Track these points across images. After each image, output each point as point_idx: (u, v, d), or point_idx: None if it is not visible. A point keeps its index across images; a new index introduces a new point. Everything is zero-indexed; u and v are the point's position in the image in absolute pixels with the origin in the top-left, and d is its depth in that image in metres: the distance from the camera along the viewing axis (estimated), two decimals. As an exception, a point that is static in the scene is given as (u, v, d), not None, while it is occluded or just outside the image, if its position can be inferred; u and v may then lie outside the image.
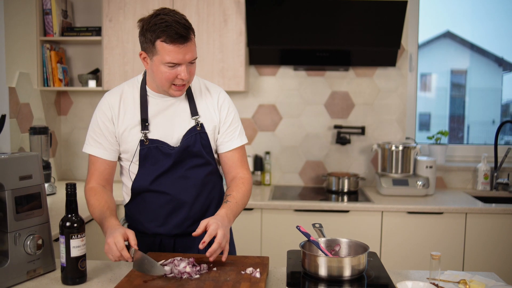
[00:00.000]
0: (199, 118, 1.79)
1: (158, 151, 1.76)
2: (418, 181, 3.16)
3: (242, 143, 1.87)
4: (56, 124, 3.62)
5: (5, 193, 1.55)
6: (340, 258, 1.46)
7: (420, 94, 4.24)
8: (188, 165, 1.79)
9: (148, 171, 1.79)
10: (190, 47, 1.63)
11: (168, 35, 1.58)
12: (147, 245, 1.85)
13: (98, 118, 1.81)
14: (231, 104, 1.88)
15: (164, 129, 1.77)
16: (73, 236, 1.54)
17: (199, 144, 1.78)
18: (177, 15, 1.62)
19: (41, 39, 3.32)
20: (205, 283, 1.46)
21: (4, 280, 1.53)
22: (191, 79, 1.72)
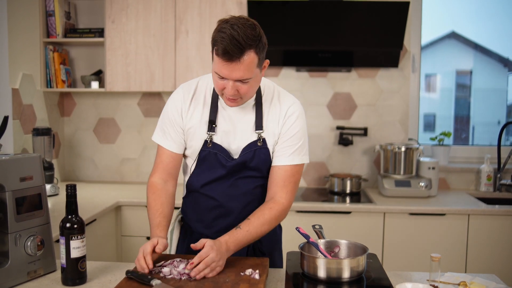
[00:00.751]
0: (262, 133, 1.72)
1: (215, 159, 1.73)
2: (420, 182, 3.15)
3: (293, 163, 1.72)
4: (59, 125, 3.64)
5: (6, 194, 1.55)
6: (338, 259, 1.46)
7: (425, 95, 4.23)
8: (241, 175, 1.75)
9: (202, 174, 1.77)
10: (239, 66, 1.51)
11: (219, 47, 1.51)
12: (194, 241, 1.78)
13: (169, 109, 1.77)
14: (300, 118, 1.73)
15: (228, 137, 1.73)
16: (73, 237, 1.54)
17: (257, 160, 1.72)
18: (240, 30, 1.50)
19: (44, 40, 3.34)
20: (204, 284, 1.47)
21: (4, 281, 1.54)
22: (245, 96, 1.62)
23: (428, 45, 4.37)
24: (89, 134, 3.72)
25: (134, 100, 3.66)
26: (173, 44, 3.27)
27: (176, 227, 1.93)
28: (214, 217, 1.78)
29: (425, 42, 3.81)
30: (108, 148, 3.72)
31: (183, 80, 3.26)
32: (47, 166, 3.11)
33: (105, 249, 2.93)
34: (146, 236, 3.06)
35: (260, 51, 1.57)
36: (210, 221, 1.79)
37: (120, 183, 3.66)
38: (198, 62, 3.26)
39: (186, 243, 1.87)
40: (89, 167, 3.74)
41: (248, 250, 1.81)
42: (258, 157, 1.72)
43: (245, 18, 1.56)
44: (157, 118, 3.57)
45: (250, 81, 1.58)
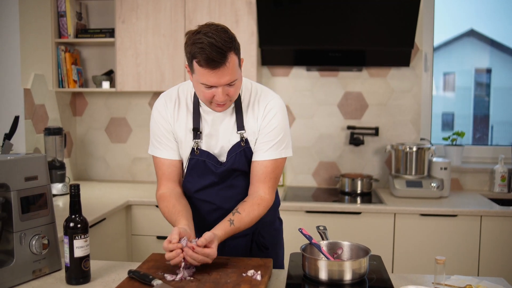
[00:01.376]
0: (244, 133, 1.74)
1: (205, 166, 1.75)
2: (432, 182, 3.11)
3: (273, 157, 1.73)
4: (71, 125, 3.67)
5: (11, 193, 1.57)
6: (340, 261, 1.45)
7: (443, 94, 4.17)
8: (234, 178, 1.78)
9: (194, 181, 1.79)
10: (225, 70, 1.54)
11: (201, 58, 1.51)
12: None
13: (157, 119, 1.78)
14: (278, 114, 1.74)
15: (211, 141, 1.75)
16: (76, 236, 1.55)
17: (244, 160, 1.75)
18: (215, 36, 1.51)
19: (56, 41, 3.37)
20: (205, 285, 1.46)
21: (10, 279, 1.55)
22: (232, 98, 1.65)
23: (446, 43, 4.31)
24: (101, 133, 3.75)
25: (145, 100, 3.68)
26: (183, 43, 3.26)
27: None
28: (214, 220, 1.78)
29: (443, 40, 3.76)
30: (120, 148, 3.74)
31: (193, 80, 3.27)
32: (59, 165, 3.14)
33: (115, 248, 2.95)
34: (156, 235, 3.07)
35: (238, 51, 1.60)
36: (211, 223, 1.78)
37: (131, 182, 3.69)
38: (208, 61, 3.26)
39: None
40: (101, 166, 3.77)
41: (252, 246, 1.83)
42: (243, 157, 1.75)
43: (214, 24, 1.57)
44: (168, 118, 3.61)
45: (236, 82, 1.61)
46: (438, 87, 3.95)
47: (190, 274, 1.53)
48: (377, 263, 1.61)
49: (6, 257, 1.59)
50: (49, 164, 3.06)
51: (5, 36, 2.97)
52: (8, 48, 2.98)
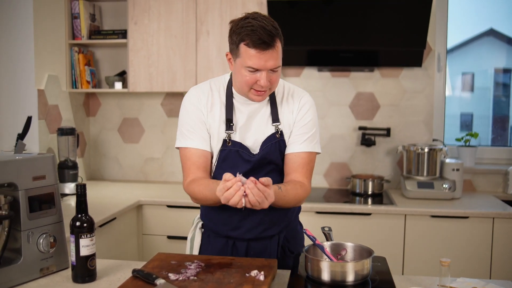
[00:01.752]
0: (279, 125, 1.76)
1: (238, 156, 1.74)
2: (444, 184, 3.07)
3: (308, 150, 1.76)
4: (85, 125, 3.72)
5: (19, 193, 1.60)
6: (342, 263, 1.44)
7: (462, 94, 4.11)
8: (265, 170, 1.76)
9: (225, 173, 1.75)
10: (273, 54, 1.58)
11: (251, 40, 1.56)
12: (220, 246, 1.84)
13: (188, 108, 1.77)
14: (311, 109, 1.80)
15: (245, 133, 1.75)
16: (82, 235, 1.58)
17: (278, 153, 1.75)
18: (265, 21, 1.58)
19: (69, 42, 3.42)
20: (208, 284, 1.47)
21: (17, 276, 1.58)
22: (273, 86, 1.67)
23: (464, 43, 4.24)
24: (114, 133, 3.79)
25: (158, 101, 3.71)
26: (194, 45, 3.29)
27: (197, 234, 1.91)
28: (241, 218, 1.76)
29: (462, 40, 3.70)
30: (132, 148, 3.78)
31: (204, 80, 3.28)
32: (71, 165, 3.18)
33: (126, 248, 2.98)
34: (166, 235, 3.09)
35: (282, 41, 1.64)
36: (237, 222, 1.77)
37: (143, 182, 3.72)
38: (219, 62, 3.28)
39: (210, 249, 1.86)
40: (113, 166, 3.81)
41: (278, 250, 1.82)
42: (278, 149, 1.75)
43: (259, 13, 1.62)
44: (180, 118, 3.64)
45: (279, 70, 1.64)
46: (456, 88, 3.88)
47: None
48: (381, 265, 1.60)
49: (14, 255, 1.61)
50: (61, 164, 3.13)
51: (19, 38, 3.02)
52: (22, 49, 3.03)
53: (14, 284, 1.57)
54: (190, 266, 1.61)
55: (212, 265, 1.63)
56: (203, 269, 1.59)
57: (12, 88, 3.05)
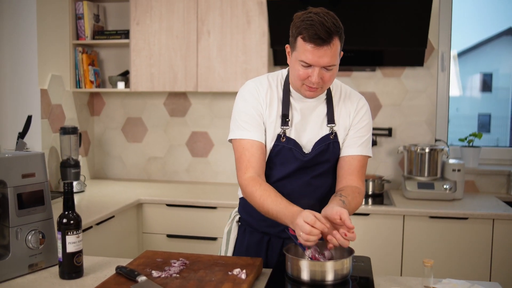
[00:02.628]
0: (334, 126, 1.74)
1: (290, 153, 1.72)
2: (444, 184, 3.05)
3: (363, 153, 1.75)
4: (89, 124, 3.76)
5: (7, 190, 1.63)
6: (321, 262, 1.44)
7: (481, 95, 4.06)
8: (314, 173, 1.75)
9: (275, 169, 1.76)
10: (327, 51, 1.55)
11: (308, 34, 1.55)
12: (255, 241, 1.84)
13: (248, 99, 1.74)
14: (368, 112, 1.79)
15: (299, 131, 1.74)
16: (69, 232, 1.60)
17: (330, 154, 1.74)
18: (326, 17, 1.56)
19: (73, 42, 3.46)
20: (189, 282, 1.48)
21: (6, 272, 1.61)
22: (325, 85, 1.65)
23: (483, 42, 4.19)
24: (118, 133, 3.83)
25: (160, 100, 3.74)
26: (195, 45, 3.31)
27: (234, 227, 1.92)
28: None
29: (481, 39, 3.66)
30: (136, 147, 3.81)
31: (205, 80, 3.31)
32: (74, 163, 3.22)
33: (126, 246, 3.01)
34: (166, 234, 3.12)
35: (342, 40, 1.61)
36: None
37: (146, 181, 3.75)
38: (219, 62, 3.29)
39: (246, 243, 1.86)
40: (117, 165, 3.85)
41: None
42: (331, 151, 1.74)
43: (324, 9, 1.60)
44: (183, 118, 3.67)
45: (333, 69, 1.61)
46: (474, 88, 3.83)
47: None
48: (365, 264, 1.59)
49: (3, 251, 1.64)
50: (64, 162, 3.17)
51: (22, 38, 3.07)
52: (26, 50, 3.08)
53: (2, 279, 1.60)
54: (174, 264, 1.62)
55: (197, 263, 1.65)
56: (187, 267, 1.61)
57: (16, 87, 3.10)
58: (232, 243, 1.90)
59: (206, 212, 3.06)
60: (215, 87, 3.31)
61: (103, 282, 1.49)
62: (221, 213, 3.02)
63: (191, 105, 3.69)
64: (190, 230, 3.08)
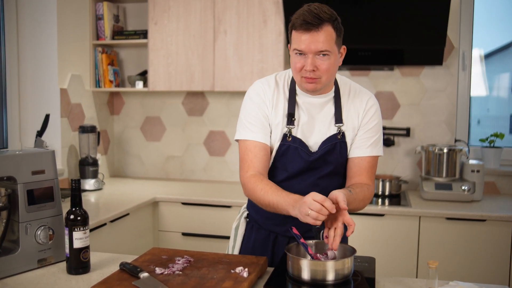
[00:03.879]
0: (342, 126, 1.72)
1: (296, 153, 1.72)
2: (463, 185, 2.98)
3: (373, 154, 1.74)
4: (108, 123, 3.82)
5: (18, 186, 1.67)
6: (322, 261, 1.43)
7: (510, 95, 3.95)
8: (321, 173, 1.74)
9: (281, 168, 1.76)
10: (317, 37, 1.56)
11: (297, 22, 1.58)
12: (262, 238, 1.85)
13: (255, 100, 1.75)
14: (377, 112, 1.76)
15: (306, 131, 1.73)
16: (75, 228, 1.63)
17: (337, 154, 1.73)
18: (317, 7, 1.58)
19: (93, 43, 3.52)
20: (191, 279, 1.49)
21: (15, 266, 1.65)
22: (323, 75, 1.62)
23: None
24: (137, 132, 3.88)
25: (179, 100, 3.77)
26: (212, 44, 3.33)
27: (242, 223, 1.93)
28: (285, 216, 1.64)
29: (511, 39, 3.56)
30: (154, 146, 3.85)
31: (221, 80, 3.32)
32: (92, 162, 3.28)
33: (142, 243, 3.04)
34: (181, 232, 3.14)
35: (337, 29, 1.61)
36: (282, 218, 1.71)
37: (164, 179, 3.79)
38: (236, 61, 3.30)
39: (252, 240, 1.87)
40: (136, 164, 3.90)
41: None
42: (337, 151, 1.72)
43: (320, 4, 1.62)
44: (201, 117, 3.69)
45: (329, 58, 1.60)
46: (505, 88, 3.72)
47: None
48: (369, 265, 1.58)
49: (13, 246, 1.69)
50: (82, 160, 3.23)
51: (43, 39, 3.14)
52: (46, 50, 3.15)
53: (12, 273, 1.64)
54: (178, 261, 1.64)
55: (202, 260, 1.66)
56: (191, 265, 1.62)
57: (36, 87, 3.18)
58: (239, 239, 1.91)
59: (220, 211, 3.07)
60: (232, 87, 3.32)
61: (106, 277, 1.52)
62: (236, 212, 3.01)
63: (209, 104, 3.71)
64: (205, 229, 3.10)
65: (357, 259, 1.62)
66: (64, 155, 3.24)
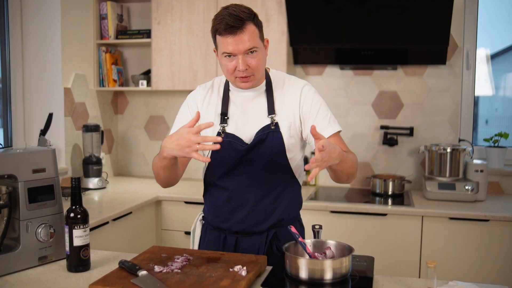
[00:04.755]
0: (275, 116, 1.77)
1: (230, 146, 1.77)
2: (466, 185, 2.97)
3: (335, 131, 1.77)
4: (113, 123, 3.84)
5: (18, 184, 1.68)
6: (320, 260, 1.43)
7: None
8: (261, 164, 1.77)
9: (218, 165, 1.81)
10: (242, 37, 1.62)
11: (221, 27, 1.63)
12: (213, 239, 1.89)
13: (188, 102, 1.89)
14: (315, 95, 1.79)
15: (240, 124, 1.78)
16: (75, 226, 1.64)
17: (270, 143, 1.75)
18: (235, 8, 1.63)
19: (97, 42, 3.54)
20: (189, 277, 1.49)
21: (16, 264, 1.66)
22: (256, 71, 1.69)
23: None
24: (141, 131, 3.89)
25: (182, 99, 3.72)
26: (215, 43, 3.33)
27: (198, 226, 1.98)
28: (231, 210, 1.81)
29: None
30: (158, 145, 3.86)
31: (224, 79, 3.32)
32: (95, 160, 3.29)
33: (144, 242, 3.05)
34: (184, 231, 3.15)
35: (258, 25, 1.68)
36: (226, 214, 1.82)
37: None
38: (238, 61, 3.30)
39: (206, 241, 1.91)
40: (140, 163, 3.91)
41: (273, 249, 1.82)
42: (270, 140, 1.75)
43: (235, 4, 1.68)
44: (203, 116, 3.69)
45: (258, 54, 1.67)
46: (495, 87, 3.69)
47: None
48: (367, 264, 1.57)
49: (14, 243, 1.70)
50: (86, 159, 3.24)
51: (47, 38, 3.16)
52: (50, 50, 3.17)
53: (13, 271, 1.65)
54: (177, 260, 1.64)
55: (200, 259, 1.66)
56: (190, 263, 1.62)
57: (40, 86, 3.19)
58: (197, 241, 1.96)
59: (223, 210, 3.07)
60: (234, 86, 3.32)
61: (105, 275, 1.52)
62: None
63: (212, 103, 3.71)
64: (208, 228, 3.10)
65: (356, 258, 1.62)
66: (68, 154, 3.25)
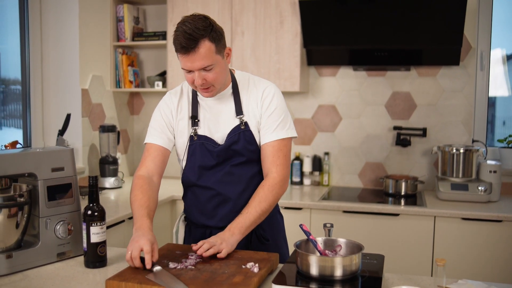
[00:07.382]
0: (243, 117, 1.85)
1: (203, 148, 1.85)
2: (479, 186, 2.97)
3: (279, 137, 1.82)
4: (129, 123, 3.90)
5: (38, 182, 1.74)
6: (330, 257, 1.46)
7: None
8: (233, 162, 1.85)
9: (194, 166, 1.88)
10: (195, 56, 1.65)
11: (176, 46, 1.68)
12: (199, 236, 1.94)
13: (162, 108, 1.92)
14: (276, 97, 1.84)
15: (212, 127, 1.86)
16: (93, 223, 1.69)
17: (243, 143, 1.84)
18: (190, 24, 1.65)
19: (114, 44, 3.61)
20: (203, 274, 1.53)
21: (35, 259, 1.72)
22: (215, 83, 1.74)
23: None
24: (156, 131, 3.94)
25: (197, 100, 3.82)
26: (230, 45, 3.37)
27: (181, 227, 2.04)
28: (214, 206, 1.88)
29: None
30: (173, 145, 3.91)
31: (238, 80, 3.36)
32: (112, 160, 3.35)
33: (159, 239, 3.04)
34: (198, 230, 3.19)
35: (215, 39, 1.69)
36: (211, 210, 1.89)
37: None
38: (253, 62, 3.34)
39: (192, 240, 1.97)
40: (155, 163, 3.96)
41: (252, 237, 1.88)
42: (243, 139, 1.84)
43: (197, 14, 1.71)
44: (218, 117, 3.73)
45: (214, 68, 1.71)
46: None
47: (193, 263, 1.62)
48: (377, 262, 1.60)
49: (33, 240, 1.76)
50: (102, 159, 3.30)
51: (65, 41, 3.24)
52: (68, 52, 3.24)
53: (33, 266, 1.71)
54: (191, 257, 1.68)
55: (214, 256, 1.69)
56: (203, 260, 1.66)
57: (58, 87, 3.27)
58: (180, 242, 2.01)
59: (236, 210, 3.11)
60: (248, 87, 3.36)
61: (121, 271, 1.57)
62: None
63: (226, 104, 3.76)
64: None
65: (366, 256, 1.64)
66: (85, 153, 3.32)
